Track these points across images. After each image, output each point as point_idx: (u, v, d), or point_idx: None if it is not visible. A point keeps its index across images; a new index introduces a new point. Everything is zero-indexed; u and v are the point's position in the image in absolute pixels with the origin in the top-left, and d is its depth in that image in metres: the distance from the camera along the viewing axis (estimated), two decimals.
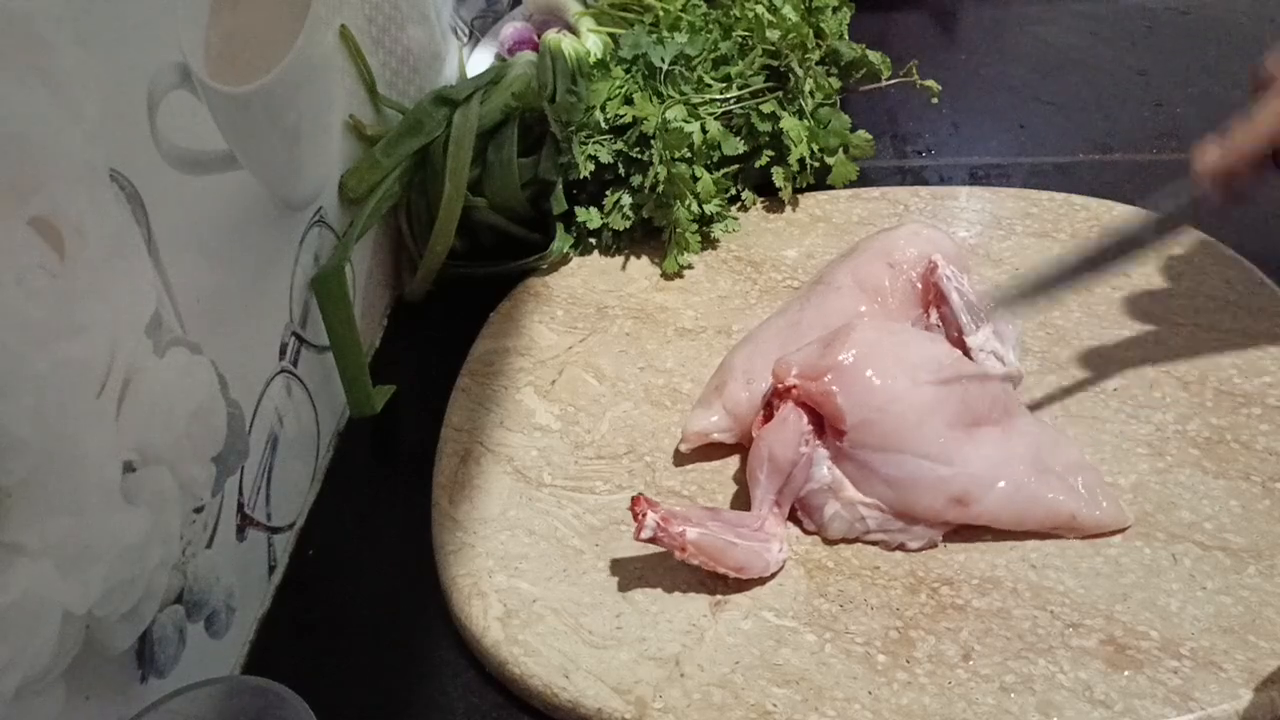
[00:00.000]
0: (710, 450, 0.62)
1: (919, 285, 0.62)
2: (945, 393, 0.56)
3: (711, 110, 0.78)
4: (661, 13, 0.84)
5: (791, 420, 0.56)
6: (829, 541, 0.57)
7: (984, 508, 0.55)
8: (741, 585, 0.56)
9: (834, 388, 0.55)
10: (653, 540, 0.53)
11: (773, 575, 0.56)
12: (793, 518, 0.59)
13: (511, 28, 0.93)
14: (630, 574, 0.57)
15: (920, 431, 0.55)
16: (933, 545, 0.56)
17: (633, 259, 0.78)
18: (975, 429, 0.56)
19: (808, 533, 0.58)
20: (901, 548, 0.56)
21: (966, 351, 0.60)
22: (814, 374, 0.56)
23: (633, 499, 0.54)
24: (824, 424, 0.57)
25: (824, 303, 0.64)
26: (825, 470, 0.56)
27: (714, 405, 0.62)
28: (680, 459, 0.63)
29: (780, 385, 0.57)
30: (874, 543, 0.57)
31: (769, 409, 0.58)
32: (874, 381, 0.55)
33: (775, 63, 0.80)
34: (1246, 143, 0.50)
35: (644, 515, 0.53)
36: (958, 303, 0.60)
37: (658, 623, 0.55)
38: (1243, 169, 0.50)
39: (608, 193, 0.78)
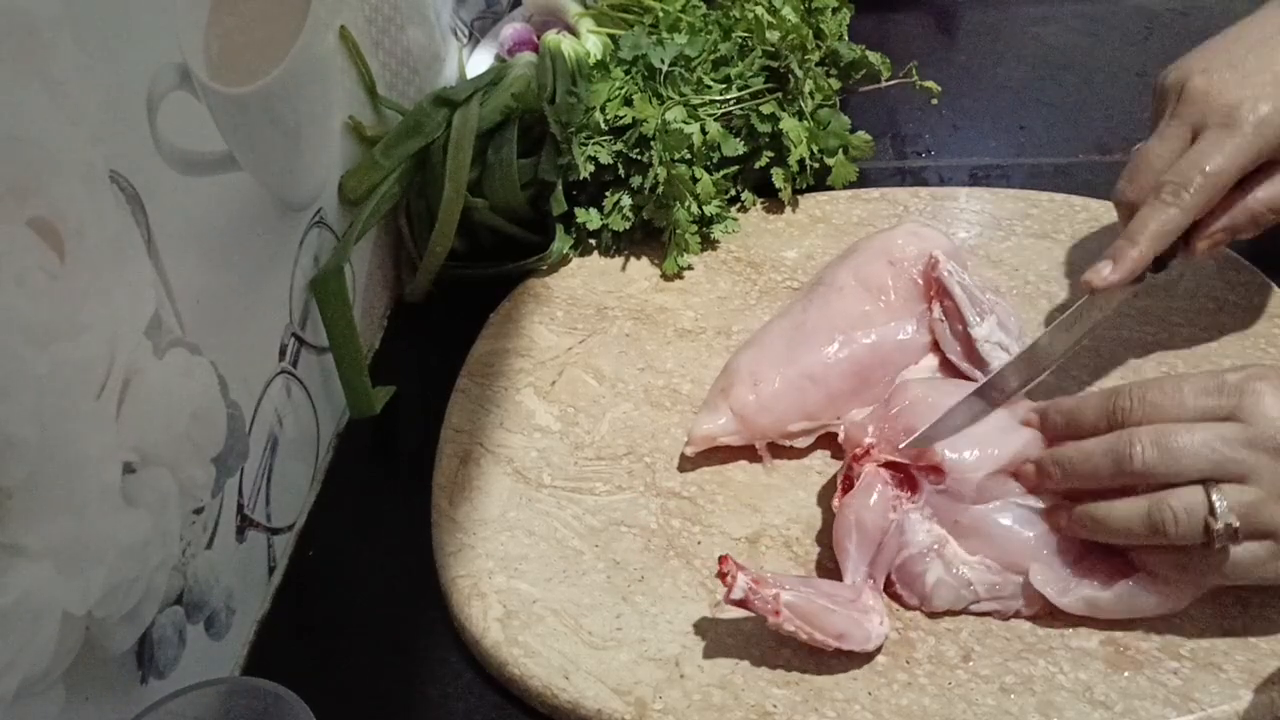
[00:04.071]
0: (710, 452, 0.62)
1: (920, 281, 0.63)
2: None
3: (711, 111, 0.78)
4: (661, 14, 0.84)
5: (878, 484, 0.53)
6: (932, 615, 0.53)
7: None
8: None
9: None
10: (742, 603, 0.49)
11: (875, 652, 0.51)
12: (890, 594, 0.54)
13: (511, 29, 0.93)
14: (630, 575, 0.57)
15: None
16: (1048, 611, 0.52)
17: (632, 260, 0.78)
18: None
19: (909, 608, 0.53)
20: (1017, 615, 0.52)
21: (971, 344, 0.60)
22: (893, 430, 0.54)
23: (720, 559, 0.49)
24: (914, 482, 0.53)
25: (827, 304, 0.64)
26: (923, 534, 0.53)
27: (720, 408, 0.62)
28: (681, 461, 0.63)
29: (859, 449, 0.54)
30: (984, 613, 0.53)
31: (847, 478, 0.55)
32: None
33: (775, 64, 0.80)
34: (1136, 262, 0.55)
35: (734, 577, 0.49)
36: (961, 296, 0.60)
37: (657, 623, 0.55)
38: (1132, 279, 0.56)
39: (607, 194, 0.78)
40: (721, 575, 0.49)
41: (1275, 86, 0.53)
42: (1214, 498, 0.46)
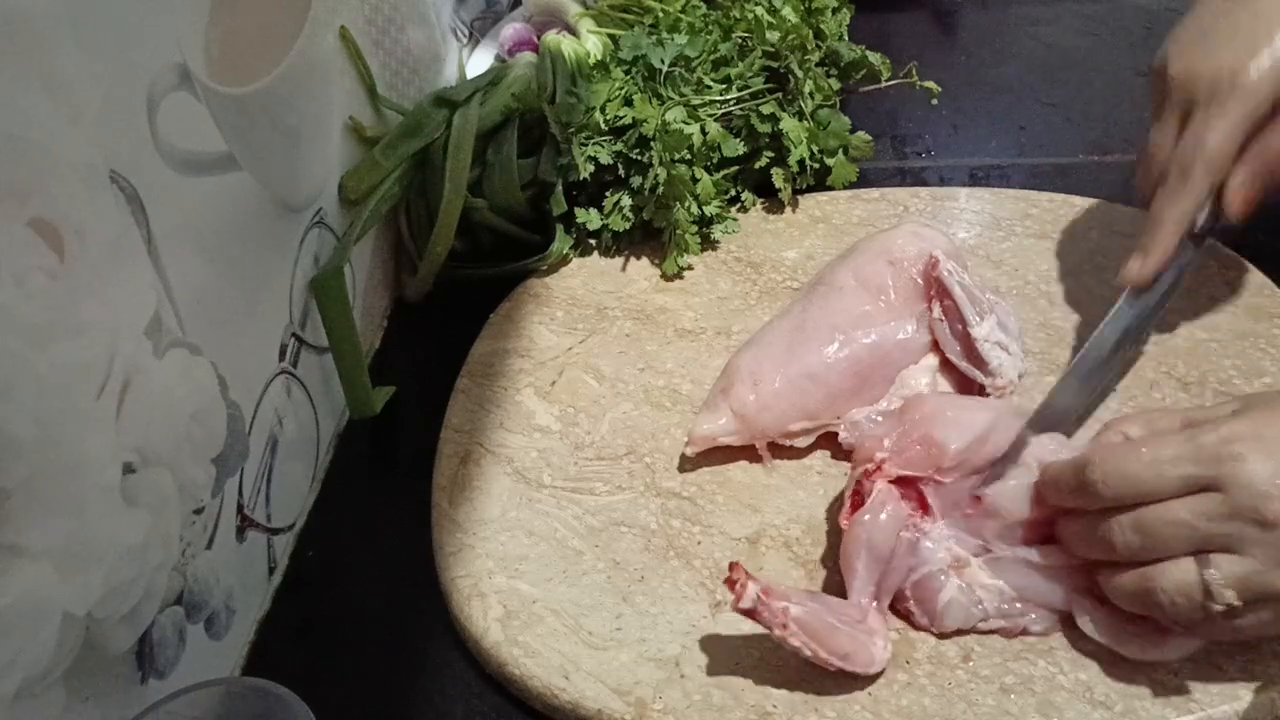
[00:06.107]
0: (710, 452, 0.62)
1: (920, 281, 0.63)
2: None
3: (711, 112, 0.78)
4: (661, 14, 0.84)
5: (890, 502, 0.52)
6: (943, 635, 0.52)
7: None
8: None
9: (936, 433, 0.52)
10: (750, 613, 0.48)
11: (876, 676, 0.51)
12: (900, 612, 0.54)
13: (511, 29, 0.93)
14: (630, 575, 0.57)
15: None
16: (1056, 629, 0.52)
17: (632, 260, 0.78)
18: None
19: (917, 628, 0.53)
20: (1024, 632, 0.52)
21: (971, 344, 0.60)
22: (909, 445, 0.53)
23: (730, 566, 0.48)
24: (926, 501, 0.53)
25: (827, 303, 0.64)
26: (942, 553, 0.52)
27: (720, 408, 0.62)
28: (681, 461, 0.63)
29: (870, 465, 0.53)
30: (991, 631, 0.52)
31: (856, 495, 0.54)
32: (970, 421, 0.53)
33: (775, 64, 0.80)
34: (1162, 250, 0.57)
35: (744, 585, 0.48)
36: (961, 296, 0.60)
37: (657, 624, 0.55)
38: (1163, 265, 0.58)
39: (607, 194, 0.78)
40: (730, 583, 0.48)
41: (1247, 54, 0.55)
42: (1207, 575, 0.44)
